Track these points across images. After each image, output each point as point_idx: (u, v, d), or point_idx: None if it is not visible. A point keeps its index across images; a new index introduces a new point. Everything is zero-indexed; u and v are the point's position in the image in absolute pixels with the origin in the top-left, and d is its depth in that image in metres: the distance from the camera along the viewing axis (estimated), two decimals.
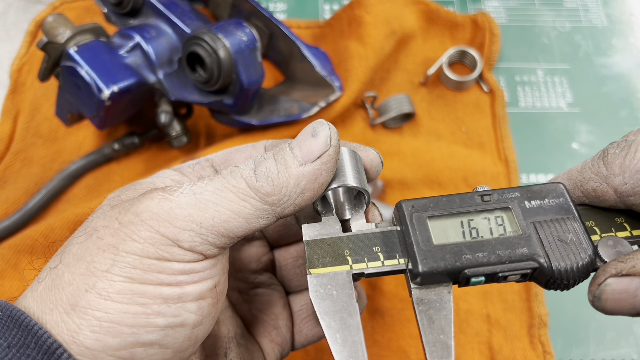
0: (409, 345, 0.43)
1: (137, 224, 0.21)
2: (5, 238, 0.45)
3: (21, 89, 0.53)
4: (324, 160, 0.23)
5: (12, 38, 0.57)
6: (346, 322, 0.23)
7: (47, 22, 0.43)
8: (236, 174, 0.23)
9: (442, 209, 0.24)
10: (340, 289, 0.23)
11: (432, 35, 0.57)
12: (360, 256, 0.24)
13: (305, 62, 0.50)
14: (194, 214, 0.21)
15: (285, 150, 0.23)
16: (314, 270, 0.24)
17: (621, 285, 0.21)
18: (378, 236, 0.25)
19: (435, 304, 0.23)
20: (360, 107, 0.53)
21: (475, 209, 0.24)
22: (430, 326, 0.23)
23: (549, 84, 0.56)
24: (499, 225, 0.24)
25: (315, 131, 0.23)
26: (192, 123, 0.51)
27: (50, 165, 0.50)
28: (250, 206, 0.22)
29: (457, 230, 0.24)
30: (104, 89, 0.41)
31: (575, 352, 0.43)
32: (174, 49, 0.44)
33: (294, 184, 0.22)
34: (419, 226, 0.24)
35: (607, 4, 0.61)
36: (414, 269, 0.23)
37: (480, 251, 0.23)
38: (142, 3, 0.46)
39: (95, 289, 0.20)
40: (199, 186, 0.22)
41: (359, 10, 0.53)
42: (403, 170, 0.50)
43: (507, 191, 0.24)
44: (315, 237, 0.25)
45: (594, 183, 0.24)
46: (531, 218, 0.24)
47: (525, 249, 0.23)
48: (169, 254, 0.21)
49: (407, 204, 0.24)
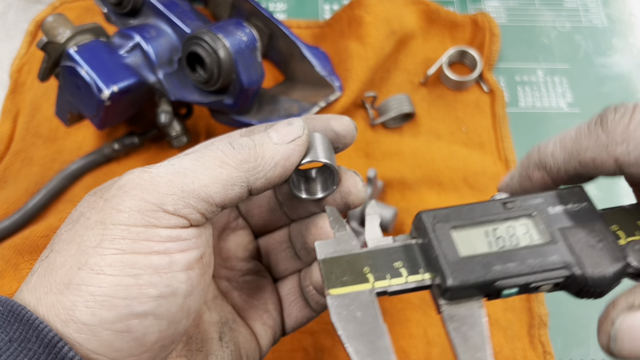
0: (409, 345, 0.43)
1: (120, 196, 0.22)
2: (5, 238, 0.45)
3: (21, 89, 0.54)
4: (298, 142, 0.25)
5: (12, 38, 0.57)
6: (375, 345, 0.21)
7: (47, 22, 0.43)
8: (213, 146, 0.24)
9: (465, 218, 0.23)
10: (364, 309, 0.22)
11: (432, 35, 0.58)
12: (382, 273, 0.23)
13: (305, 62, 0.50)
14: (175, 180, 0.22)
15: (261, 133, 0.26)
16: (333, 290, 0.22)
17: (637, 321, 0.19)
18: (398, 250, 0.23)
19: (468, 319, 0.22)
20: (360, 107, 0.53)
21: (499, 217, 0.23)
22: (465, 344, 0.21)
23: (549, 84, 0.56)
24: (525, 233, 0.23)
25: (290, 122, 0.26)
26: (192, 123, 0.51)
27: (50, 165, 0.50)
28: (226, 172, 0.23)
29: (482, 240, 0.22)
30: (103, 88, 0.41)
31: (575, 352, 0.43)
32: (173, 49, 0.44)
33: (269, 157, 0.24)
34: (443, 238, 0.22)
35: (607, 4, 0.61)
36: (442, 284, 0.21)
37: (510, 261, 0.22)
38: (142, 3, 0.46)
39: (88, 265, 0.21)
40: (176, 159, 0.24)
41: (359, 10, 0.53)
42: (403, 170, 0.50)
43: (529, 198, 0.23)
44: (331, 254, 0.23)
45: (592, 152, 0.22)
46: (557, 224, 0.22)
47: (556, 257, 0.22)
48: (156, 219, 0.22)
49: (427, 215, 0.23)
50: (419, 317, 0.44)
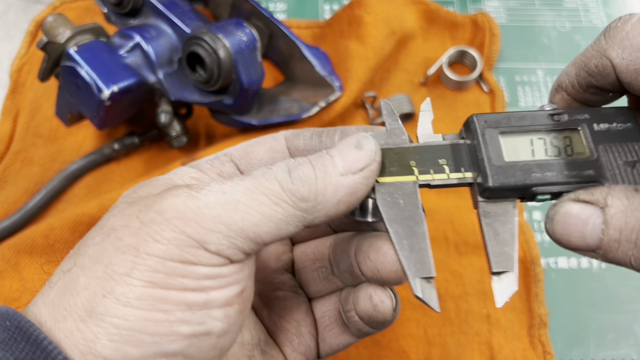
0: (409, 345, 0.43)
1: (160, 223, 0.20)
2: (5, 238, 0.45)
3: (21, 89, 0.53)
4: (366, 174, 0.22)
5: (12, 38, 0.57)
6: (413, 229, 0.23)
7: (47, 22, 0.43)
8: (269, 175, 0.21)
9: (514, 125, 0.24)
10: (407, 198, 0.23)
11: (432, 35, 0.57)
12: (426, 167, 0.24)
13: (305, 62, 0.50)
14: (223, 215, 0.20)
15: (324, 157, 0.22)
16: (381, 178, 0.24)
17: (575, 209, 0.21)
18: (445, 149, 0.25)
19: (501, 217, 0.23)
20: (360, 107, 0.53)
21: (546, 127, 0.24)
22: (495, 238, 0.23)
23: (549, 84, 0.56)
24: (568, 146, 0.24)
25: (360, 143, 0.22)
26: (192, 123, 0.51)
27: (50, 165, 0.50)
28: (282, 210, 0.20)
29: (527, 148, 0.24)
30: (104, 89, 0.41)
31: (575, 352, 0.43)
32: (174, 49, 0.44)
33: (331, 194, 0.21)
34: (491, 141, 0.24)
35: (607, 4, 0.61)
36: (483, 183, 0.23)
37: (549, 170, 0.23)
38: (142, 3, 0.46)
39: (114, 294, 0.19)
40: (229, 185, 0.21)
41: (359, 10, 0.53)
42: None
43: (576, 112, 0.24)
44: (382, 146, 0.24)
45: (595, 60, 0.23)
46: (599, 141, 0.24)
47: (592, 172, 0.23)
48: (194, 257, 0.20)
49: (479, 118, 0.24)
50: (419, 317, 0.44)
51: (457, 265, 0.46)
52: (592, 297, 0.45)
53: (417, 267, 0.22)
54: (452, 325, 0.44)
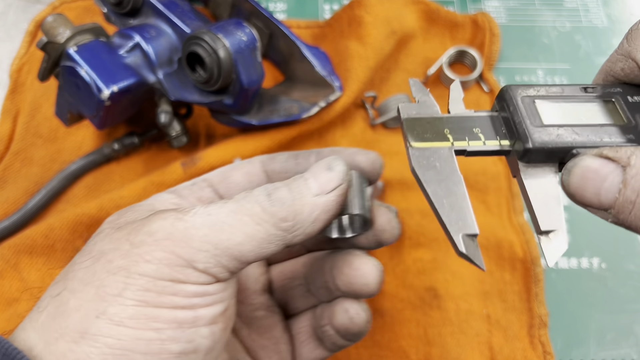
0: (409, 345, 0.43)
1: (150, 244, 0.21)
2: (5, 238, 0.45)
3: (21, 89, 0.53)
4: (338, 193, 0.23)
5: (12, 38, 0.57)
6: (452, 189, 0.22)
7: (47, 22, 0.43)
8: (251, 198, 0.23)
9: (549, 93, 0.24)
10: (443, 161, 0.23)
11: (432, 35, 0.57)
12: (461, 135, 0.24)
13: (305, 62, 0.50)
14: (210, 235, 0.21)
15: (299, 180, 0.24)
16: (415, 143, 0.23)
17: (595, 164, 0.21)
18: (479, 119, 0.24)
19: (543, 181, 0.23)
20: (360, 107, 0.53)
21: (579, 99, 0.24)
22: (541, 200, 0.22)
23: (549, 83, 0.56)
24: (604, 114, 0.24)
25: (330, 165, 0.24)
26: (191, 123, 0.51)
27: (50, 166, 0.50)
28: (264, 230, 0.22)
29: (565, 113, 0.23)
30: (103, 88, 0.41)
31: (575, 353, 0.43)
32: (173, 48, 0.44)
33: (308, 213, 0.23)
34: (528, 107, 0.23)
35: (608, 4, 0.61)
36: (525, 145, 0.22)
37: (589, 133, 0.23)
38: (142, 3, 0.46)
39: (107, 314, 0.19)
40: (214, 208, 0.22)
41: (359, 10, 0.53)
42: (403, 170, 0.49)
43: (609, 86, 0.25)
44: (414, 116, 0.24)
45: (621, 63, 0.23)
46: (635, 111, 0.23)
47: (632, 136, 0.23)
48: (184, 276, 0.21)
49: (513, 87, 0.24)
50: (419, 317, 0.44)
51: (457, 265, 0.46)
52: (592, 297, 0.45)
53: (459, 224, 0.22)
54: (452, 325, 0.44)
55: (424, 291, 0.45)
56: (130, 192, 0.45)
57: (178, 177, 0.46)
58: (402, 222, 0.47)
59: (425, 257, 0.46)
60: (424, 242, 0.46)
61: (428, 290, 0.45)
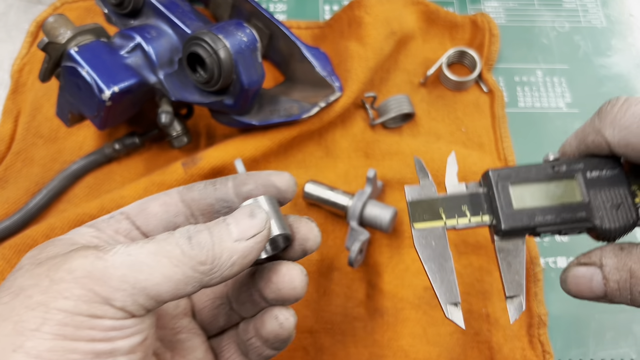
0: (409, 344, 0.43)
1: (69, 281, 0.21)
2: (6, 238, 0.45)
3: (22, 89, 0.54)
4: (258, 239, 0.25)
5: (13, 38, 0.57)
6: (443, 265, 0.29)
7: (48, 22, 0.43)
8: (171, 240, 0.23)
9: (522, 177, 0.29)
10: (437, 240, 0.29)
11: (432, 36, 0.58)
12: (452, 213, 0.30)
13: (305, 63, 0.50)
14: (128, 275, 0.22)
15: (221, 225, 0.25)
16: (417, 225, 0.29)
17: (580, 272, 0.27)
18: (466, 197, 0.30)
19: (512, 252, 0.29)
20: (360, 108, 0.53)
21: (548, 177, 0.29)
22: (508, 269, 0.29)
23: (548, 84, 0.56)
24: (564, 192, 0.29)
25: (253, 213, 0.25)
26: (192, 123, 0.52)
27: (51, 165, 0.50)
28: (181, 272, 0.23)
29: (532, 196, 0.29)
30: (104, 89, 0.41)
31: (574, 352, 0.44)
32: (174, 49, 0.44)
33: (226, 257, 0.24)
34: (503, 192, 0.29)
35: (606, 4, 0.61)
36: (497, 227, 0.29)
37: (549, 214, 0.28)
38: (143, 4, 0.46)
39: (24, 348, 0.20)
40: (134, 248, 0.23)
41: (358, 11, 0.53)
42: (403, 170, 0.50)
43: (573, 162, 0.29)
44: (416, 198, 0.30)
45: (592, 136, 0.28)
46: (591, 186, 0.29)
47: (584, 213, 0.28)
48: (101, 312, 0.21)
49: (494, 173, 0.30)
50: (419, 316, 0.44)
51: (457, 264, 0.46)
52: None
53: (447, 295, 0.29)
54: (451, 324, 0.44)
55: (423, 290, 0.45)
56: (131, 192, 0.45)
57: (179, 177, 0.46)
58: (401, 222, 0.47)
59: None
60: None
61: (427, 290, 0.45)
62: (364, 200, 0.44)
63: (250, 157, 0.48)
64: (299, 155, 0.51)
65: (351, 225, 0.44)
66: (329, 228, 0.48)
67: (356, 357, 0.43)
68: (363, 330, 0.43)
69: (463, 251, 0.46)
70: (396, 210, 0.45)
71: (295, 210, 0.48)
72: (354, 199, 0.45)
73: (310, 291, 0.45)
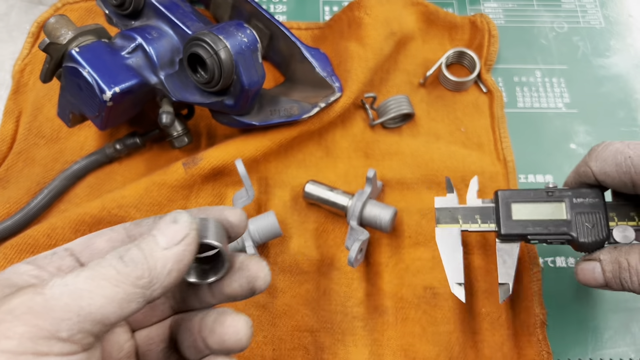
0: (409, 344, 0.43)
1: (10, 321, 0.21)
2: (8, 238, 0.45)
3: (23, 90, 0.54)
4: (187, 242, 0.25)
5: (15, 39, 0.57)
6: (454, 255, 0.39)
7: (49, 23, 0.43)
8: (104, 263, 0.23)
9: (522, 197, 0.39)
10: (453, 238, 0.40)
11: (431, 37, 0.58)
12: (467, 220, 0.40)
13: (305, 63, 0.50)
14: (71, 303, 0.22)
15: (148, 238, 0.25)
16: (440, 225, 0.40)
17: (585, 265, 0.36)
18: (479, 209, 0.40)
19: (508, 252, 0.39)
20: (360, 108, 0.53)
21: (542, 199, 0.38)
22: (503, 264, 0.39)
23: (547, 84, 0.56)
24: (554, 211, 0.38)
25: (175, 218, 0.25)
26: (193, 123, 0.52)
27: (53, 166, 0.50)
28: (122, 291, 0.23)
29: (528, 212, 0.38)
30: (105, 89, 0.41)
31: (573, 351, 0.44)
32: (175, 50, 0.45)
33: (161, 267, 0.24)
34: (506, 207, 0.39)
35: (605, 5, 0.61)
36: (499, 232, 0.39)
37: (539, 226, 0.38)
38: (144, 4, 0.46)
39: None
40: (69, 278, 0.23)
41: (358, 12, 0.53)
42: (402, 170, 0.50)
43: (564, 190, 0.38)
44: (442, 205, 0.41)
45: (582, 167, 0.37)
46: (575, 209, 0.37)
47: (565, 229, 0.37)
48: (47, 347, 0.21)
49: (502, 193, 0.39)
50: (419, 315, 0.44)
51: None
52: (590, 296, 0.46)
53: (454, 276, 0.39)
54: (451, 323, 0.44)
55: (423, 290, 0.45)
56: (132, 192, 0.45)
57: (179, 177, 0.46)
58: (401, 221, 0.48)
59: (424, 256, 0.46)
60: (423, 242, 0.47)
61: (427, 289, 0.45)
62: (363, 200, 0.45)
63: (251, 157, 0.48)
64: (299, 155, 0.51)
65: (351, 225, 0.44)
66: (329, 228, 0.48)
67: (356, 356, 0.43)
68: (363, 329, 0.44)
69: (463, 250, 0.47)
70: (396, 210, 0.45)
71: (295, 210, 0.48)
72: (353, 199, 0.45)
73: (311, 290, 0.45)
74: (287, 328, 0.44)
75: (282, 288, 0.45)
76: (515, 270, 0.38)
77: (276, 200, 0.49)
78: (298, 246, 0.46)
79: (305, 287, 0.45)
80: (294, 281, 0.45)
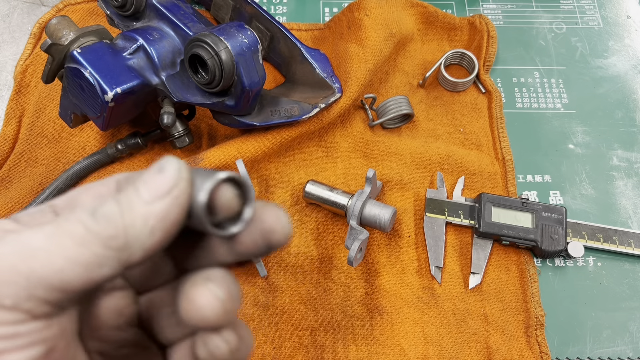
0: (407, 343, 0.43)
1: None
2: None
3: (25, 91, 0.54)
4: (175, 194, 0.20)
5: (17, 40, 0.57)
6: (437, 242, 0.46)
7: (51, 24, 0.44)
8: (72, 218, 0.20)
9: (502, 203, 0.46)
10: (438, 226, 0.47)
11: (431, 38, 0.58)
12: (452, 213, 0.47)
13: (305, 64, 0.51)
14: (19, 265, 0.18)
15: (128, 190, 0.20)
16: (428, 214, 0.47)
17: None
18: (464, 206, 0.47)
19: (483, 247, 0.46)
20: (360, 109, 0.54)
21: (517, 208, 0.46)
22: (477, 257, 0.46)
23: (546, 85, 0.56)
24: (525, 220, 0.46)
25: (162, 167, 0.21)
26: (194, 124, 0.52)
27: (55, 166, 0.50)
28: (89, 252, 0.19)
29: (504, 216, 0.46)
30: (107, 90, 0.41)
31: (571, 350, 0.44)
32: (176, 51, 0.45)
33: (141, 224, 0.20)
34: (487, 209, 0.46)
35: (603, 6, 0.62)
36: (478, 229, 0.46)
37: (511, 230, 0.45)
38: (145, 6, 0.46)
39: None
40: (27, 233, 0.19)
41: (358, 13, 0.53)
42: (401, 170, 0.50)
43: (537, 204, 0.46)
44: (432, 197, 0.48)
45: None
46: (542, 221, 0.45)
47: (532, 235, 0.45)
48: None
49: (485, 196, 0.47)
50: (417, 315, 0.44)
51: (455, 264, 0.46)
52: (587, 296, 0.46)
53: (434, 260, 0.45)
54: (449, 324, 0.44)
55: (422, 290, 0.45)
56: None
57: None
58: (400, 221, 0.48)
59: (423, 256, 0.47)
60: (422, 241, 0.47)
61: (426, 289, 0.45)
62: (363, 199, 0.45)
63: (251, 157, 0.48)
64: (299, 155, 0.51)
65: (351, 224, 0.44)
66: (329, 227, 0.48)
67: (355, 354, 0.43)
68: (362, 328, 0.44)
69: (463, 251, 0.47)
70: (395, 210, 0.45)
71: (295, 210, 0.49)
72: (353, 199, 0.45)
73: (310, 289, 0.45)
74: (287, 327, 0.44)
75: (282, 287, 0.45)
76: (486, 264, 0.45)
77: (276, 200, 0.49)
78: (298, 245, 0.47)
79: (305, 286, 0.46)
80: (294, 280, 0.46)
